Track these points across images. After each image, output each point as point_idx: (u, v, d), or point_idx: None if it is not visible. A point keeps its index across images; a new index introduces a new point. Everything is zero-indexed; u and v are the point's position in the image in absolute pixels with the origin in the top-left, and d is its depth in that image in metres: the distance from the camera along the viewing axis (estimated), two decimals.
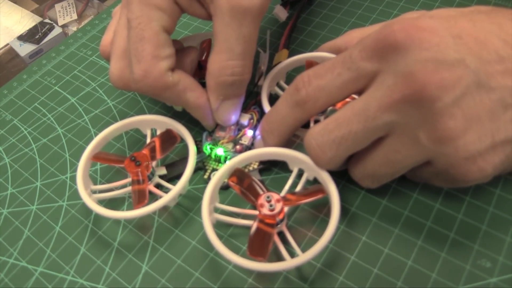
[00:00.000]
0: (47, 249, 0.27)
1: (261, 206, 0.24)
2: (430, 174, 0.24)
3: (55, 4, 0.69)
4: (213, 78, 0.26)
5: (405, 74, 0.21)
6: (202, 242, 0.26)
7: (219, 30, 0.24)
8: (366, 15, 0.37)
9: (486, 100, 0.21)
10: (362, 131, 0.22)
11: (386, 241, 0.25)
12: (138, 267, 0.26)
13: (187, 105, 0.27)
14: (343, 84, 0.23)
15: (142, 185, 0.26)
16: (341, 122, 0.23)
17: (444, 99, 0.20)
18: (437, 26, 0.21)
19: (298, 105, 0.24)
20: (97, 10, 0.70)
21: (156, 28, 0.24)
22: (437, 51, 0.20)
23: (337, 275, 0.24)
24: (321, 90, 0.23)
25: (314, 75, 0.24)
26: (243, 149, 0.28)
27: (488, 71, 0.21)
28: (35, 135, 0.33)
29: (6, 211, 0.29)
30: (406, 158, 0.22)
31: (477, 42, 0.21)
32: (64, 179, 0.30)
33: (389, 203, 0.26)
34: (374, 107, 0.21)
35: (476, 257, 0.24)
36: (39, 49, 0.60)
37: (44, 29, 0.62)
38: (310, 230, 0.26)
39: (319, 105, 0.24)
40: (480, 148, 0.21)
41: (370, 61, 0.22)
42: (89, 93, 0.35)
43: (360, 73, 0.22)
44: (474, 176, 0.22)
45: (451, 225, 0.25)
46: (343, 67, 0.23)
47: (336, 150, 0.23)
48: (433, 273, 0.23)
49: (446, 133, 0.20)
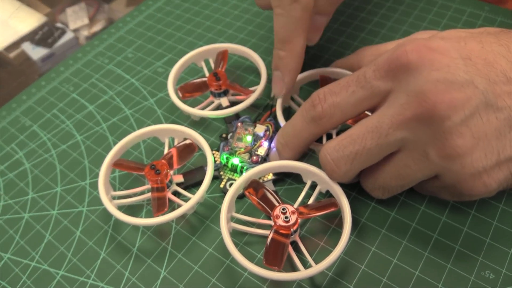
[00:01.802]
0: (68, 253, 0.28)
1: (276, 217, 0.25)
2: (438, 188, 0.25)
3: (67, 8, 0.70)
4: None
5: (417, 93, 0.22)
6: (218, 250, 0.27)
7: None
8: (375, 30, 0.38)
9: (494, 120, 0.22)
10: (376, 147, 0.23)
11: (394, 252, 0.26)
12: (157, 272, 0.27)
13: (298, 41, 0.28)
14: (357, 102, 0.24)
15: (162, 193, 0.27)
16: (355, 138, 0.24)
17: (454, 118, 0.21)
18: (447, 47, 0.23)
19: (313, 120, 0.25)
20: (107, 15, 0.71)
21: None
22: (447, 72, 0.22)
23: (348, 284, 0.25)
24: (336, 107, 0.25)
25: (330, 92, 0.25)
26: (259, 160, 0.29)
27: (495, 92, 0.22)
28: (55, 141, 0.34)
29: (28, 215, 0.30)
30: (416, 172, 0.24)
31: (486, 63, 0.22)
32: (83, 185, 0.31)
33: (397, 215, 0.27)
34: (387, 124, 0.23)
35: (480, 269, 0.25)
36: (51, 53, 0.61)
37: (56, 33, 0.63)
38: (322, 240, 0.27)
39: (334, 121, 0.25)
40: (486, 165, 0.22)
41: (383, 80, 0.23)
42: (107, 101, 0.36)
43: (373, 92, 0.24)
44: (479, 191, 0.23)
45: (457, 237, 0.26)
46: (357, 85, 0.24)
47: (350, 165, 0.24)
48: (440, 284, 0.25)
49: (454, 150, 0.22)
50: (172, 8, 0.44)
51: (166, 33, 0.42)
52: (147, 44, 0.41)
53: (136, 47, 0.41)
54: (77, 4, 0.71)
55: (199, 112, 0.32)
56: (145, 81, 0.38)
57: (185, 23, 0.42)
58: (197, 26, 0.42)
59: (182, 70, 0.35)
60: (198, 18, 0.43)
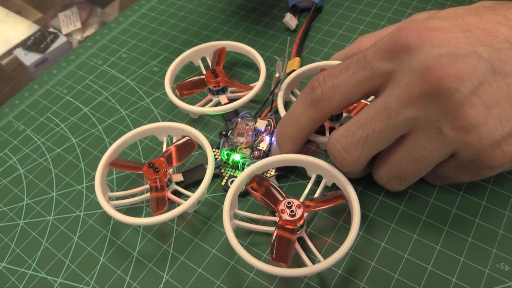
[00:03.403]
0: (66, 259, 0.27)
1: (281, 212, 0.24)
2: (455, 169, 0.24)
3: (59, 13, 0.69)
4: None
5: (421, 70, 0.21)
6: (222, 250, 0.26)
7: None
8: (374, 22, 0.37)
9: (504, 86, 0.21)
10: (386, 129, 0.22)
11: (405, 247, 0.25)
12: (159, 276, 0.26)
13: None
14: (358, 82, 0.23)
15: (162, 191, 0.26)
16: (363, 122, 0.23)
17: (462, 90, 0.21)
18: (446, 24, 0.22)
19: (313, 103, 0.25)
20: (100, 19, 0.70)
21: None
22: (449, 46, 0.21)
23: (359, 281, 0.24)
24: (336, 88, 0.24)
25: (329, 75, 0.24)
26: (261, 155, 0.28)
27: (501, 58, 0.21)
28: (49, 145, 0.33)
29: (23, 222, 0.29)
30: (432, 152, 0.23)
31: (486, 33, 0.22)
32: (80, 189, 0.30)
33: (406, 209, 0.26)
34: (395, 104, 0.22)
35: (495, 261, 0.24)
36: (44, 58, 0.60)
37: (49, 38, 0.62)
38: (330, 237, 0.26)
39: (334, 104, 0.24)
40: (503, 133, 0.21)
41: (384, 61, 0.23)
42: (102, 103, 0.35)
43: (374, 72, 0.23)
44: (500, 161, 0.22)
45: (469, 229, 0.25)
46: (357, 67, 0.23)
47: (361, 151, 0.23)
48: (454, 278, 0.24)
49: (468, 122, 0.21)
50: (166, 6, 0.43)
51: (160, 32, 0.41)
52: (141, 44, 0.40)
53: (130, 47, 0.40)
54: (69, 9, 0.71)
55: (198, 109, 0.31)
56: (141, 81, 0.37)
57: (179, 21, 0.41)
58: (192, 24, 0.41)
59: (179, 68, 0.34)
60: (193, 16, 0.42)
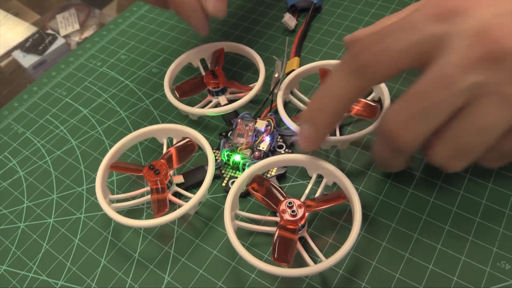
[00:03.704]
0: (67, 262, 0.27)
1: (283, 212, 0.24)
2: None
3: (57, 15, 0.69)
4: None
5: (476, 33, 0.20)
6: (223, 251, 0.26)
7: None
8: (373, 21, 0.37)
9: None
10: (445, 99, 0.21)
11: (406, 246, 0.25)
12: (160, 278, 0.26)
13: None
14: (406, 47, 0.21)
15: (162, 193, 0.26)
16: (420, 95, 0.21)
17: None
18: None
19: (357, 71, 0.22)
20: (98, 20, 0.70)
21: None
22: (498, 6, 0.20)
23: (360, 281, 0.24)
24: (383, 52, 0.22)
25: (373, 40, 0.22)
26: (262, 155, 0.28)
27: None
28: (49, 148, 0.33)
29: (23, 225, 0.29)
30: (498, 119, 0.21)
31: None
32: (80, 191, 0.30)
33: (407, 208, 0.27)
34: (453, 71, 0.20)
35: (496, 260, 0.24)
36: (42, 60, 0.60)
37: (47, 40, 0.62)
38: (331, 237, 0.26)
39: (382, 71, 0.22)
40: None
41: (434, 24, 0.21)
42: (101, 104, 0.35)
43: (425, 36, 0.21)
44: None
45: (470, 228, 0.25)
46: (403, 31, 0.22)
47: (420, 125, 0.21)
48: (454, 277, 0.24)
49: None
50: None
51: (159, 33, 0.41)
52: (140, 45, 0.40)
53: (129, 48, 0.40)
54: (67, 11, 0.70)
55: (198, 110, 0.31)
56: (140, 82, 0.37)
57: (178, 22, 0.41)
58: None
59: (178, 69, 0.34)
60: None
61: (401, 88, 0.32)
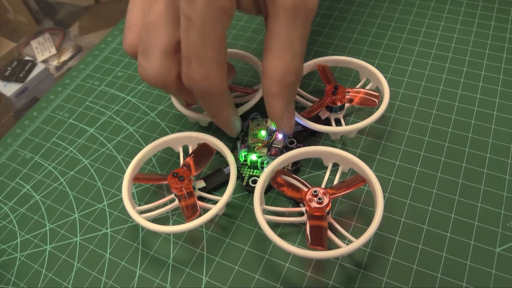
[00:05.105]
0: (101, 277, 0.27)
1: (309, 201, 0.26)
2: None
3: (31, 41, 0.68)
4: (278, 82, 0.25)
5: None
6: (254, 246, 0.27)
7: (281, 31, 0.23)
8: (370, 20, 0.40)
9: None
10: None
11: (423, 220, 0.27)
12: (199, 279, 0.26)
13: (228, 115, 0.27)
14: None
15: (191, 198, 0.27)
16: None
17: None
18: None
19: None
20: (74, 42, 0.70)
21: (220, 32, 0.23)
22: None
23: (387, 256, 0.26)
24: None
25: None
26: (278, 152, 0.29)
27: None
28: (61, 169, 0.33)
29: (50, 247, 0.29)
30: None
31: None
32: (102, 208, 0.31)
33: (417, 185, 0.29)
34: None
35: (505, 220, 0.26)
36: (24, 87, 0.59)
37: (27, 67, 0.61)
38: (353, 220, 0.28)
39: None
40: None
41: None
42: (107, 122, 0.36)
43: None
44: None
45: (477, 196, 0.28)
46: None
47: None
48: (471, 240, 0.26)
49: None
50: None
51: None
52: (135, 61, 0.41)
53: (124, 65, 0.41)
54: (41, 36, 0.70)
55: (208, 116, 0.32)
56: (142, 97, 0.37)
57: None
58: None
59: None
60: None
61: (393, 77, 0.35)
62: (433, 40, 0.37)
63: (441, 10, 0.39)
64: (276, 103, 0.26)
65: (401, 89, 0.34)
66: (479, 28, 0.37)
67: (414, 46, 0.37)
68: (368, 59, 0.36)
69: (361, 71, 0.33)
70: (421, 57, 0.36)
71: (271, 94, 0.26)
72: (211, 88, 0.24)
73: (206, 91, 0.25)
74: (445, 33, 0.37)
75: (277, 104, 0.26)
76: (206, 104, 0.26)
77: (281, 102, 0.26)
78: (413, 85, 0.34)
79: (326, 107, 0.31)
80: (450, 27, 0.38)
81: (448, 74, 0.34)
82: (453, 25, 0.38)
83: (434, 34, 0.38)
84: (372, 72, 0.32)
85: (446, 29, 0.38)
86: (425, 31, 0.38)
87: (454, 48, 0.36)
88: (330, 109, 0.31)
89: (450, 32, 0.37)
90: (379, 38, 0.38)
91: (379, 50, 0.37)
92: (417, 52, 0.36)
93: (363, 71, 0.32)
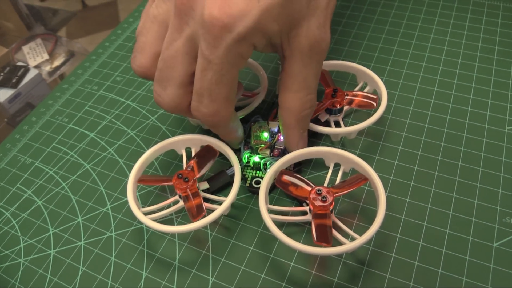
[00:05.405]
0: (108, 279, 0.27)
1: (314, 200, 0.26)
2: None
3: (22, 46, 0.68)
4: (295, 115, 0.27)
5: None
6: (259, 246, 0.28)
7: (297, 70, 0.26)
8: (364, 24, 0.41)
9: None
10: None
11: (423, 217, 0.28)
12: (205, 280, 0.27)
13: (233, 135, 0.29)
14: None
15: (197, 198, 0.27)
16: None
17: None
18: None
19: None
20: (66, 48, 0.69)
21: (235, 73, 0.25)
22: None
23: (389, 253, 0.27)
24: None
25: None
26: (280, 153, 0.30)
27: None
28: (63, 174, 0.33)
29: (54, 252, 0.29)
30: None
31: None
32: (105, 211, 0.31)
33: (416, 183, 0.29)
34: None
35: (501, 216, 0.27)
36: (17, 93, 0.59)
37: (20, 72, 0.61)
38: (355, 218, 0.28)
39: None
40: None
41: None
42: (107, 126, 0.36)
43: None
44: None
45: (473, 192, 0.29)
46: None
47: None
48: (470, 236, 0.27)
49: None
50: None
51: None
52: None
53: (122, 70, 0.41)
54: (33, 41, 0.70)
55: None
56: (141, 101, 0.38)
57: None
58: None
59: None
60: None
61: (388, 79, 0.36)
62: (426, 43, 0.38)
63: (433, 14, 0.41)
64: (293, 133, 0.28)
65: (397, 91, 0.35)
66: (470, 31, 0.39)
67: (408, 49, 0.38)
68: (364, 62, 0.37)
69: (358, 75, 0.34)
70: (415, 59, 0.37)
71: (288, 126, 0.28)
72: (219, 122, 0.27)
73: (213, 124, 0.27)
74: (438, 36, 0.39)
75: (294, 134, 0.28)
76: (212, 130, 0.29)
77: (297, 132, 0.28)
78: (409, 87, 0.35)
79: (326, 109, 0.32)
80: (442, 31, 0.39)
81: (442, 76, 0.35)
82: (445, 29, 0.39)
83: (427, 37, 0.39)
84: (370, 76, 0.32)
85: (439, 33, 0.39)
86: (418, 34, 0.39)
87: (446, 50, 0.37)
88: (329, 112, 0.32)
89: (443, 36, 0.39)
90: (374, 42, 0.39)
91: (374, 53, 0.38)
92: (411, 55, 0.37)
93: (361, 75, 0.33)
